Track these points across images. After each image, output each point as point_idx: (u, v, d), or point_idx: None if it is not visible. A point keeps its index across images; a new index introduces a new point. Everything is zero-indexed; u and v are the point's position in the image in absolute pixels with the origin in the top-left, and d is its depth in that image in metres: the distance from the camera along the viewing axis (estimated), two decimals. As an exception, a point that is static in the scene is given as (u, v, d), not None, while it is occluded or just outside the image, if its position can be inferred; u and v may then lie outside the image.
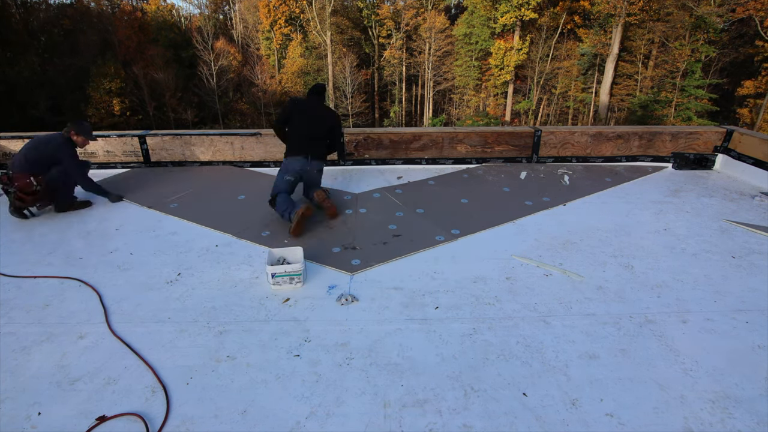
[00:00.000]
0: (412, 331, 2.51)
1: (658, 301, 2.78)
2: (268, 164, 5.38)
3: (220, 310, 2.71)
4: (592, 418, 1.95)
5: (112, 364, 2.29)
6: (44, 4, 36.14)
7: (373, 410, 1.99)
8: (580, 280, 3.01)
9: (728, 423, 1.93)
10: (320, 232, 3.72)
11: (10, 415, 1.99)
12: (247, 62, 38.42)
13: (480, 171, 5.21)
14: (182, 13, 50.92)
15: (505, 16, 33.19)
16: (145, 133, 5.32)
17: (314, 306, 2.75)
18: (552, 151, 5.43)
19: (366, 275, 3.09)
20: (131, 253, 3.41)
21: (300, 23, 38.70)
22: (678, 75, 29.42)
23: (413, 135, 5.32)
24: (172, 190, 4.67)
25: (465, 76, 37.42)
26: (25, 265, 3.24)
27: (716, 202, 4.34)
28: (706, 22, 27.27)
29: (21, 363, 2.30)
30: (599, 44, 32.07)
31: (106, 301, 2.80)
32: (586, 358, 2.30)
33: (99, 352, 2.37)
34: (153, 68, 33.89)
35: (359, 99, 37.10)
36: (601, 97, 32.43)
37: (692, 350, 2.36)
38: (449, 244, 3.53)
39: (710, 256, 3.33)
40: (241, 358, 2.31)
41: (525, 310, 2.69)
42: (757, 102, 27.97)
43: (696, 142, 5.40)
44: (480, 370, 2.22)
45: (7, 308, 2.75)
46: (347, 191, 4.59)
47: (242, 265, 3.23)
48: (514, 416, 1.96)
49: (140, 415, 1.96)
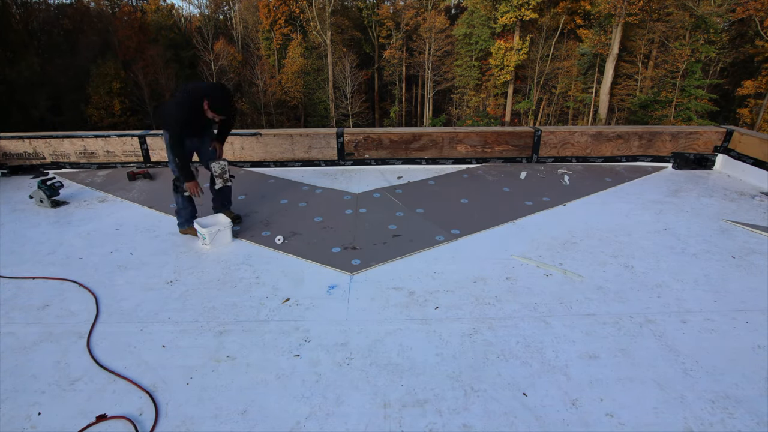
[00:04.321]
0: (412, 331, 2.51)
1: (658, 301, 2.78)
2: (268, 164, 5.38)
3: (220, 310, 2.71)
4: (592, 418, 1.95)
5: (112, 363, 2.28)
6: (44, 4, 36.14)
7: (373, 410, 1.99)
8: (580, 280, 3.01)
9: (728, 423, 1.93)
10: (320, 232, 3.72)
11: (10, 415, 1.99)
12: (247, 62, 38.39)
13: (480, 171, 5.21)
14: (182, 13, 50.97)
15: (505, 16, 33.17)
16: (145, 133, 5.32)
17: (314, 306, 2.75)
18: (552, 151, 5.42)
19: (366, 275, 3.09)
20: (131, 253, 3.41)
21: (300, 23, 38.68)
22: (678, 75, 29.40)
23: (413, 135, 5.32)
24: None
25: (465, 76, 37.41)
26: (26, 265, 3.24)
27: (716, 202, 4.34)
28: (706, 22, 27.26)
29: (21, 363, 2.30)
30: (599, 44, 32.04)
31: (101, 306, 2.79)
32: (586, 358, 2.30)
33: (99, 353, 2.37)
34: (153, 68, 33.87)
35: (359, 99, 37.08)
36: (601, 97, 32.42)
37: (692, 350, 2.36)
38: (449, 244, 3.53)
39: (710, 256, 3.33)
40: (241, 358, 2.31)
41: (525, 310, 2.69)
42: (757, 102, 27.97)
43: (696, 142, 5.40)
44: (480, 370, 2.22)
45: (7, 308, 2.75)
46: (347, 191, 4.59)
47: (242, 265, 3.23)
48: (514, 416, 1.96)
49: (129, 418, 1.95)
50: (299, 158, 5.37)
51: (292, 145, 5.31)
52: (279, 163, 5.38)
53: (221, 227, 3.48)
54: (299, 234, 3.68)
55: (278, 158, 5.36)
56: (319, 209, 4.16)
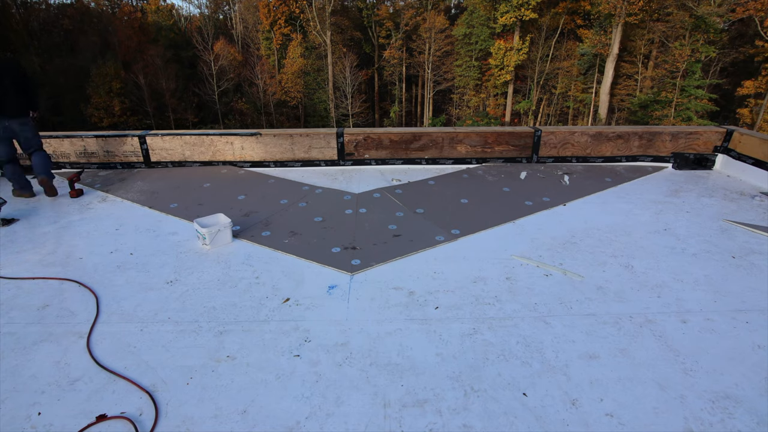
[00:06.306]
0: (412, 331, 2.51)
1: (658, 301, 2.78)
2: (267, 164, 5.38)
3: (220, 310, 2.71)
4: (592, 418, 1.95)
5: (112, 363, 2.28)
6: (44, 4, 36.15)
7: (373, 410, 1.99)
8: (580, 280, 3.01)
9: (728, 423, 1.93)
10: (320, 232, 3.72)
11: (10, 415, 1.99)
12: (247, 62, 38.41)
13: (480, 171, 5.21)
14: (182, 13, 50.96)
15: (505, 16, 33.19)
16: (145, 133, 5.32)
17: (314, 306, 2.75)
18: (552, 151, 5.43)
19: (366, 275, 3.09)
20: (131, 253, 3.41)
21: (300, 23, 38.69)
22: (678, 75, 29.42)
23: (413, 135, 5.32)
24: (172, 190, 4.67)
25: (465, 76, 37.43)
26: (26, 265, 3.24)
27: (716, 202, 4.34)
28: (706, 22, 27.27)
29: (21, 363, 2.30)
30: (599, 44, 32.05)
31: (102, 306, 2.79)
32: (586, 358, 2.30)
33: (99, 353, 2.37)
34: (153, 68, 33.88)
35: (359, 99, 37.09)
36: (601, 97, 32.42)
37: (692, 350, 2.36)
38: (449, 244, 3.53)
39: (710, 256, 3.33)
40: (241, 358, 2.31)
41: (525, 310, 2.69)
42: (757, 102, 27.97)
43: (696, 142, 5.40)
44: (480, 370, 2.22)
45: (7, 308, 2.75)
46: (347, 191, 4.59)
47: (242, 265, 3.23)
48: (514, 416, 1.96)
49: (129, 418, 1.96)
50: (299, 158, 5.37)
51: (292, 145, 5.31)
52: (279, 163, 5.38)
53: (221, 227, 3.48)
54: (299, 234, 3.68)
55: (278, 158, 5.36)
56: (319, 209, 4.16)
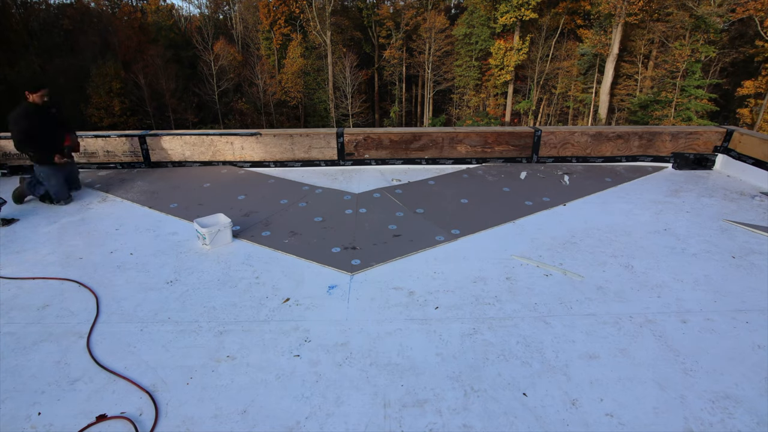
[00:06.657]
0: (412, 331, 2.51)
1: (658, 301, 2.78)
2: (267, 164, 5.38)
3: (220, 310, 2.71)
4: (592, 418, 1.95)
5: (112, 363, 2.29)
6: (44, 4, 36.15)
7: (373, 410, 1.99)
8: (580, 280, 3.01)
9: (728, 423, 1.93)
10: (320, 232, 3.72)
11: (10, 415, 1.99)
12: (247, 62, 38.41)
13: (480, 171, 5.21)
14: (182, 13, 50.98)
15: (505, 16, 33.18)
16: (145, 133, 5.32)
17: (314, 306, 2.75)
18: (552, 151, 5.43)
19: (366, 275, 3.09)
20: (131, 253, 3.41)
21: (300, 23, 38.69)
22: (678, 75, 29.42)
23: (413, 135, 5.32)
24: (172, 190, 4.67)
25: (465, 76, 37.42)
26: (26, 265, 3.24)
27: (716, 202, 4.34)
28: (706, 22, 27.26)
29: (21, 363, 2.30)
30: (599, 44, 32.05)
31: (102, 306, 2.79)
32: (586, 358, 2.30)
33: (99, 353, 2.37)
34: (153, 68, 33.87)
35: (359, 99, 37.09)
36: (601, 97, 32.42)
37: (692, 350, 2.36)
38: (449, 244, 3.53)
39: (710, 256, 3.33)
40: (241, 358, 2.31)
41: (525, 310, 2.69)
42: (757, 102, 27.97)
43: (696, 142, 5.40)
44: (480, 370, 2.22)
45: (7, 308, 2.75)
46: (347, 191, 4.59)
47: (242, 265, 3.23)
48: (514, 416, 1.96)
49: (129, 418, 1.96)
50: (299, 158, 5.37)
51: (292, 145, 5.31)
52: (279, 163, 5.38)
53: (221, 227, 3.48)
54: (299, 234, 3.68)
55: (278, 158, 5.36)
56: (319, 209, 4.16)
